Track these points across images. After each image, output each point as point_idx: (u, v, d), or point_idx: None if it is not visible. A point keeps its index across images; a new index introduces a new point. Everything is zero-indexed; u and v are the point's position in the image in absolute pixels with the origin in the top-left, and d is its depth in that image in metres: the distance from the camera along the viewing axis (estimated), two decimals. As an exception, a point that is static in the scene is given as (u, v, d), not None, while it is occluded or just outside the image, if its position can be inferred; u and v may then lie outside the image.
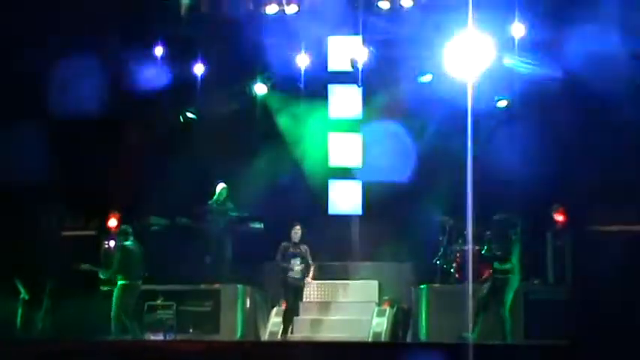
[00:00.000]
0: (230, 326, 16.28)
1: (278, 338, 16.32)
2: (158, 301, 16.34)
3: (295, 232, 16.62)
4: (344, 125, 18.71)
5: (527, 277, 15.12)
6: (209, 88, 18.31)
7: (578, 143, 16.53)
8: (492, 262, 14.60)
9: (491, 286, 14.56)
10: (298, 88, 18.27)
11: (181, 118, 18.34)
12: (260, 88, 18.40)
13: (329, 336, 16.52)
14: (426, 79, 17.78)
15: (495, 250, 14.64)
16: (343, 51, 18.27)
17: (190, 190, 17.62)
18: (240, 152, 18.08)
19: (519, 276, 14.56)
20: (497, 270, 14.49)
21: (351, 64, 17.84)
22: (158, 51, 18.11)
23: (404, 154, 17.65)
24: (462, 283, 16.11)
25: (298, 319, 16.93)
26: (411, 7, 17.76)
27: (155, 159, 17.88)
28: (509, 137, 17.02)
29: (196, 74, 18.29)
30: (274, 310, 17.02)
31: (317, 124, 18.63)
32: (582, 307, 15.00)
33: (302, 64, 18.13)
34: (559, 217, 16.49)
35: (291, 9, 18.09)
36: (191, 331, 16.29)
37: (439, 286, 16.13)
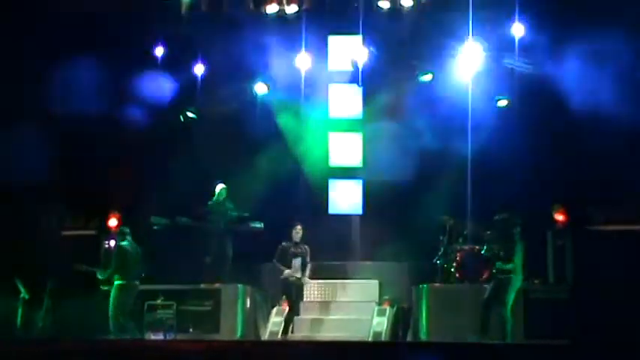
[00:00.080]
0: (230, 326, 16.27)
1: (278, 338, 16.31)
2: (158, 301, 16.31)
3: (297, 232, 16.59)
4: (344, 125, 18.70)
5: (528, 277, 15.08)
6: (209, 87, 18.31)
7: (578, 143, 16.57)
8: (495, 262, 14.57)
9: (494, 286, 14.53)
10: (298, 88, 18.25)
11: (181, 118, 18.34)
12: (260, 88, 18.36)
13: (329, 335, 16.49)
14: (426, 78, 17.78)
15: (497, 249, 14.61)
16: (343, 50, 18.29)
17: (190, 190, 17.61)
18: (240, 152, 18.06)
19: (521, 276, 14.53)
20: (499, 270, 14.46)
21: (352, 64, 17.84)
22: (158, 51, 18.12)
23: (404, 154, 17.63)
24: (463, 283, 16.13)
25: (298, 318, 16.90)
26: (411, 7, 17.78)
27: (155, 159, 17.88)
28: (509, 137, 17.01)
29: (196, 74, 18.30)
30: (274, 309, 17.00)
31: (317, 124, 18.62)
32: (582, 307, 15.02)
33: (302, 64, 18.12)
34: (559, 217, 16.48)
35: (291, 9, 18.10)
36: (191, 330, 16.27)
37: (439, 286, 16.10)
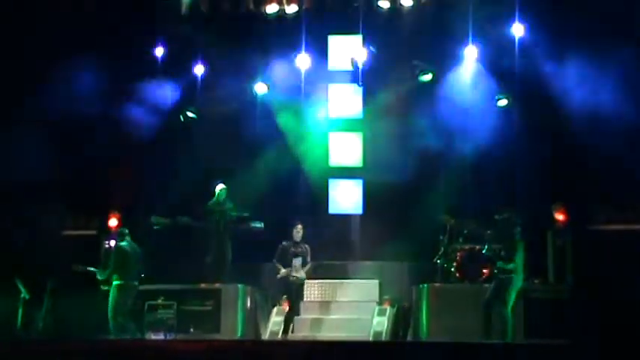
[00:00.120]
0: (231, 326, 16.25)
1: (278, 338, 16.31)
2: (159, 301, 16.31)
3: (297, 232, 16.58)
4: (344, 124, 18.69)
5: (528, 277, 15.08)
6: (209, 87, 18.30)
7: (578, 143, 16.57)
8: (496, 262, 14.56)
9: (495, 285, 14.53)
10: (298, 88, 18.25)
11: (181, 118, 18.33)
12: (260, 88, 18.35)
13: (329, 335, 16.48)
14: (426, 78, 17.77)
15: (498, 249, 14.61)
16: (343, 50, 18.28)
17: (190, 190, 17.62)
18: (240, 152, 18.04)
19: (522, 275, 14.53)
20: (500, 269, 14.46)
21: (352, 64, 17.83)
22: (158, 51, 18.13)
23: (404, 154, 17.63)
24: (463, 283, 16.13)
25: (299, 318, 16.90)
26: (411, 6, 17.78)
27: (155, 159, 17.87)
28: (509, 137, 17.01)
29: (196, 74, 18.30)
30: (275, 309, 16.99)
31: (317, 124, 18.61)
32: (582, 307, 15.02)
33: (302, 64, 18.11)
34: (560, 216, 16.47)
35: (291, 8, 18.10)
36: (192, 330, 16.26)
37: (440, 286, 16.08)
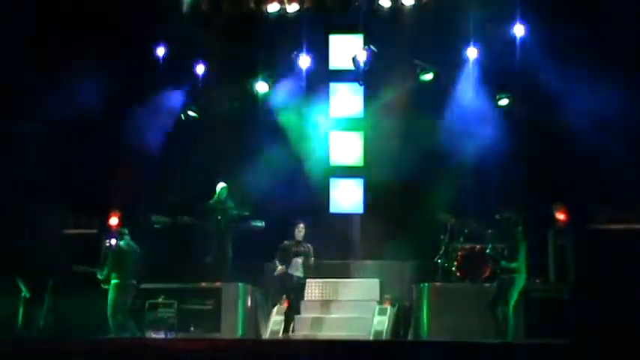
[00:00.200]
0: (231, 325, 16.26)
1: (279, 337, 16.31)
2: (159, 300, 16.33)
3: (299, 231, 16.57)
4: (345, 124, 18.69)
5: (529, 276, 15.07)
6: (210, 87, 18.31)
7: (579, 142, 16.56)
8: (499, 261, 14.56)
9: (498, 285, 14.53)
10: (299, 87, 18.24)
11: (183, 117, 18.34)
12: (261, 87, 18.35)
13: (330, 334, 16.48)
14: (427, 77, 17.77)
15: (502, 248, 14.61)
16: (344, 49, 18.27)
17: (191, 189, 17.62)
18: (241, 151, 18.04)
19: (525, 275, 14.53)
20: (503, 269, 14.45)
21: (353, 63, 17.82)
22: (159, 51, 18.12)
23: (405, 153, 17.63)
24: (464, 282, 16.12)
25: (299, 317, 16.89)
26: (412, 5, 17.77)
27: (155, 159, 17.88)
28: (509, 136, 17.00)
29: (197, 73, 18.30)
30: (275, 308, 16.99)
31: (318, 123, 18.61)
32: (583, 307, 15.01)
33: (303, 63, 18.11)
34: (561, 216, 16.46)
35: (292, 7, 18.09)
36: (192, 329, 16.27)
37: (440, 285, 16.08)
